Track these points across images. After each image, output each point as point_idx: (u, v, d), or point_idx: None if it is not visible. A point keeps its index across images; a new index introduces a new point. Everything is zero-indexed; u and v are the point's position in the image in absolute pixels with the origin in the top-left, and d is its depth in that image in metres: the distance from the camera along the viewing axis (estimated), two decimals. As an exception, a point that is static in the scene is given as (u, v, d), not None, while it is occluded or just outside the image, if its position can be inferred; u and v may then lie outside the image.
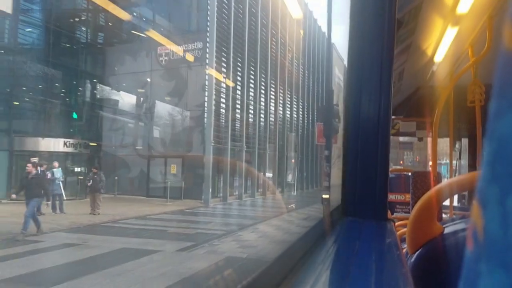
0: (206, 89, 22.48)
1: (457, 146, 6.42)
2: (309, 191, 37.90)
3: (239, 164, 25.51)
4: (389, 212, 1.36)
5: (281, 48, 32.07)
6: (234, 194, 25.51)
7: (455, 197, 4.93)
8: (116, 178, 23.10)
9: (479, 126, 2.90)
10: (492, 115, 0.23)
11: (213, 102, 22.50)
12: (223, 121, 23.98)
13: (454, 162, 6.01)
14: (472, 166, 5.10)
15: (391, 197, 5.15)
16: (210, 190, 21.87)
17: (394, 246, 1.01)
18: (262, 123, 29.20)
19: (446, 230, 1.27)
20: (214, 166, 22.90)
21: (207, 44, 22.59)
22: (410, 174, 4.26)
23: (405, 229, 1.61)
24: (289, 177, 33.41)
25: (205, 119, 22.36)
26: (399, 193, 5.22)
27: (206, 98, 22.39)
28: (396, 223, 3.02)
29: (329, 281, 0.76)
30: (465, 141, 6.18)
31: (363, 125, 1.26)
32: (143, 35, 24.39)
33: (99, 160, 23.46)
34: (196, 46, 23.14)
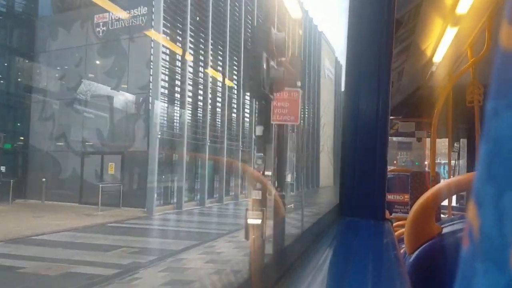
0: (151, 67, 17.50)
1: (455, 145, 6.43)
2: (306, 191, 36.54)
3: (202, 162, 21.07)
4: (387, 212, 1.36)
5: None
6: (195, 200, 20.79)
7: (454, 197, 4.94)
8: (44, 180, 18.30)
9: (477, 126, 2.91)
10: (489, 115, 0.23)
11: (160, 83, 17.71)
12: (178, 107, 19.23)
13: (452, 162, 6.01)
14: (471, 167, 5.11)
15: (390, 197, 5.16)
16: (155, 196, 17.30)
17: (392, 246, 1.00)
18: (234, 114, 24.09)
19: (445, 230, 1.27)
20: (166, 165, 18.66)
21: (153, 9, 17.66)
22: (409, 174, 4.26)
23: (403, 229, 1.61)
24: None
25: (150, 105, 17.72)
26: (397, 193, 5.22)
27: (151, 78, 17.53)
28: (395, 223, 3.03)
29: (326, 281, 0.76)
30: (463, 142, 6.19)
31: (361, 125, 1.26)
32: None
33: (26, 157, 19.67)
34: (140, 11, 17.94)
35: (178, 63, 19.23)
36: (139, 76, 17.87)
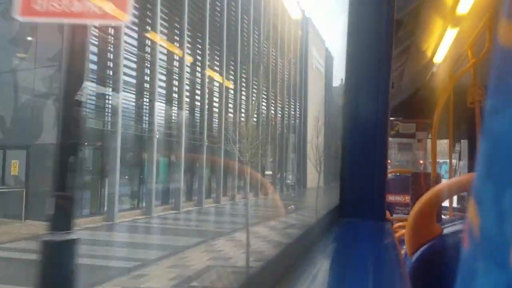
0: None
1: (456, 147, 6.42)
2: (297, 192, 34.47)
3: (149, 158, 16.52)
4: (388, 213, 1.35)
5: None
6: (140, 207, 16.28)
7: (455, 198, 4.93)
8: None
9: (478, 127, 2.91)
10: (488, 112, 0.23)
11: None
12: (109, 87, 14.60)
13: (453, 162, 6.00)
14: (472, 167, 5.10)
15: (391, 198, 5.15)
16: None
17: (392, 246, 1.00)
18: (187, 97, 18.88)
19: (445, 231, 1.27)
20: (93, 163, 14.73)
21: None
22: (409, 175, 4.25)
23: (404, 230, 1.61)
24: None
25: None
26: (398, 194, 5.20)
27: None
28: (395, 225, 3.02)
29: (326, 282, 0.76)
30: (464, 143, 6.18)
31: (361, 126, 1.26)
32: None
33: None
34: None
35: (111, 30, 14.57)
36: (49, 44, 13.00)
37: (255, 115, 21.19)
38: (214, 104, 21.80)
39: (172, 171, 18.48)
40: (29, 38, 14.12)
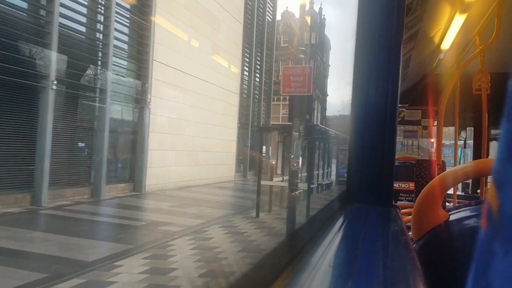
0: None
1: (462, 134, 6.40)
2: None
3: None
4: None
5: None
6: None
7: (459, 186, 4.93)
8: None
9: (485, 114, 2.90)
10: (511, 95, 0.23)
11: None
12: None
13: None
14: (478, 154, 5.09)
15: (395, 185, 5.16)
16: None
17: (401, 231, 1.01)
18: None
19: (451, 217, 1.27)
20: None
21: None
22: (414, 162, 4.26)
23: (408, 217, 1.62)
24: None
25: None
26: (403, 181, 5.21)
27: None
28: (400, 211, 3.04)
29: (336, 265, 0.77)
30: (470, 130, 6.16)
31: (371, 112, 1.26)
32: None
33: None
34: None
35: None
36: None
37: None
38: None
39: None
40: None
